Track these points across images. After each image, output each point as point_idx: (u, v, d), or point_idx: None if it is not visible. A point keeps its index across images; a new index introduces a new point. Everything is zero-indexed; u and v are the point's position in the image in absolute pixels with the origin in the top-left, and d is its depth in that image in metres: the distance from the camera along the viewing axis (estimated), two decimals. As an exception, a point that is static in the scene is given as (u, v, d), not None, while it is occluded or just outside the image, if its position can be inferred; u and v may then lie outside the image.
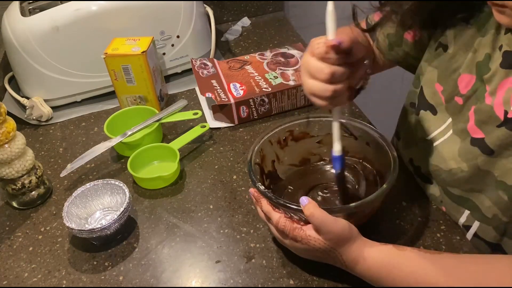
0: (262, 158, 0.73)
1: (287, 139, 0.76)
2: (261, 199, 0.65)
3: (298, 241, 0.61)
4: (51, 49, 0.98)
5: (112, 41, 0.96)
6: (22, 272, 0.71)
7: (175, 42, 1.07)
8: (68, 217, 0.71)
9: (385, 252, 0.59)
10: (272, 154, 0.75)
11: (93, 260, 0.71)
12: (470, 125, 0.63)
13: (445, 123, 0.69)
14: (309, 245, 0.60)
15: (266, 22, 1.32)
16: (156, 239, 0.73)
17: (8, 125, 0.73)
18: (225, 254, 0.70)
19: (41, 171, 0.81)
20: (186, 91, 1.08)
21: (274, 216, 0.62)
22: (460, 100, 0.65)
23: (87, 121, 1.02)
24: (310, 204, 0.60)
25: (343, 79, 0.58)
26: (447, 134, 0.68)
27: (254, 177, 0.66)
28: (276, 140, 0.75)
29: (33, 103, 1.00)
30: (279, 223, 0.61)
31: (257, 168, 0.71)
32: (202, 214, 0.77)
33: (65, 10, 0.98)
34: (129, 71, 0.94)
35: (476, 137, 0.62)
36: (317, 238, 0.59)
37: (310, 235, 0.60)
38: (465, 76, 0.65)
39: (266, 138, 0.73)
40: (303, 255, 0.64)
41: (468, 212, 0.66)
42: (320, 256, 0.61)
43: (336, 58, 0.56)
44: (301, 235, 0.60)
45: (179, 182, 0.84)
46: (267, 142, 0.74)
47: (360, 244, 0.60)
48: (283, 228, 0.61)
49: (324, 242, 0.59)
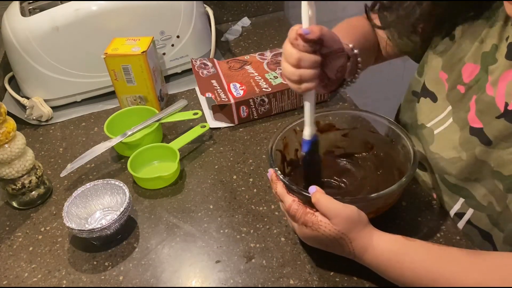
0: (285, 145, 0.74)
1: None
2: (278, 181, 0.65)
3: (308, 226, 0.60)
4: (51, 49, 0.98)
5: (112, 41, 0.96)
6: (22, 272, 0.71)
7: (175, 42, 1.07)
8: (68, 217, 0.71)
9: (395, 241, 0.60)
10: (295, 142, 0.76)
11: (93, 260, 0.71)
12: (471, 115, 0.64)
13: (445, 110, 0.69)
14: (318, 231, 0.60)
15: (266, 22, 1.33)
16: (156, 239, 0.73)
17: (8, 125, 0.73)
18: (225, 254, 0.70)
19: (41, 171, 0.81)
20: (186, 91, 1.08)
21: (287, 200, 0.62)
22: (462, 88, 0.66)
23: (87, 121, 1.02)
24: (317, 192, 0.61)
25: (311, 66, 0.62)
26: (447, 122, 0.69)
27: (273, 161, 0.67)
28: (302, 129, 0.75)
29: (33, 103, 1.00)
30: (291, 208, 0.61)
31: (279, 155, 0.72)
32: (202, 214, 0.77)
33: (65, 10, 0.98)
34: (129, 71, 0.94)
35: (475, 127, 0.63)
36: (327, 223, 0.59)
37: (321, 221, 0.59)
38: (469, 66, 0.65)
39: (291, 126, 0.74)
40: (311, 244, 0.64)
41: (463, 200, 0.67)
42: (328, 244, 0.61)
43: (304, 45, 0.61)
44: (312, 220, 0.60)
45: (179, 182, 0.84)
46: (291, 130, 0.74)
47: (370, 231, 0.60)
48: (295, 212, 0.61)
49: (333, 227, 0.59)
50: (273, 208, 0.76)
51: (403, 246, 0.59)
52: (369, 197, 0.63)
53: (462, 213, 0.68)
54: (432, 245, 0.59)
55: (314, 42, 0.61)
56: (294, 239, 0.71)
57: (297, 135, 0.75)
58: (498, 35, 0.62)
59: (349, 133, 0.78)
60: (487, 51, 0.63)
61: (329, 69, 0.67)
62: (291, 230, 0.72)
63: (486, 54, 0.63)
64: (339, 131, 0.78)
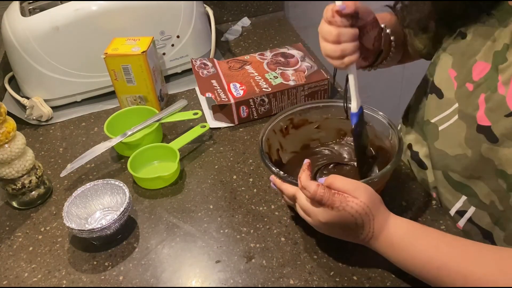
0: (269, 147, 0.76)
1: (288, 127, 0.79)
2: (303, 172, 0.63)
3: (335, 207, 0.59)
4: (51, 49, 0.98)
5: (112, 41, 0.96)
6: (22, 272, 0.71)
7: (175, 42, 1.07)
8: (68, 217, 0.71)
9: (409, 223, 0.61)
10: (276, 143, 0.78)
11: (93, 260, 0.71)
12: (480, 113, 0.64)
13: (451, 107, 0.70)
14: (345, 210, 0.59)
15: (266, 22, 1.33)
16: (156, 239, 0.73)
17: (8, 125, 0.73)
18: (225, 254, 0.70)
19: (41, 171, 0.81)
20: (186, 91, 1.08)
21: (312, 186, 0.60)
22: (470, 86, 0.66)
23: (87, 121, 1.02)
24: (328, 177, 0.62)
25: (351, 39, 0.64)
26: (452, 119, 0.69)
27: (271, 165, 0.68)
28: (279, 129, 0.77)
29: (33, 103, 1.00)
30: (317, 192, 0.60)
31: (267, 157, 0.72)
32: (202, 214, 0.77)
33: (65, 10, 0.98)
34: (129, 71, 0.94)
35: (482, 125, 0.63)
36: (354, 198, 0.59)
37: (348, 196, 0.59)
38: (480, 64, 0.66)
39: (270, 127, 0.76)
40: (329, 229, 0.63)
41: (465, 197, 0.68)
42: (350, 226, 0.60)
43: (341, 21, 0.63)
44: (340, 198, 0.59)
45: (179, 182, 0.84)
46: (271, 131, 0.76)
47: (386, 210, 0.62)
48: (322, 195, 0.59)
49: (360, 200, 0.59)
50: (273, 208, 0.76)
51: (418, 227, 0.60)
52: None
53: (464, 211, 0.69)
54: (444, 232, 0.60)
55: (350, 16, 0.63)
56: (294, 239, 0.71)
57: (276, 135, 0.78)
58: (510, 35, 0.62)
59: (321, 124, 0.80)
60: (499, 50, 0.63)
61: (365, 40, 0.70)
62: (291, 230, 0.72)
63: (498, 53, 0.63)
64: (312, 124, 0.81)
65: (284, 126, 0.79)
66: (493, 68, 0.64)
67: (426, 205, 0.74)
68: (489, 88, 0.63)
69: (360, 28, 0.66)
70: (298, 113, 0.79)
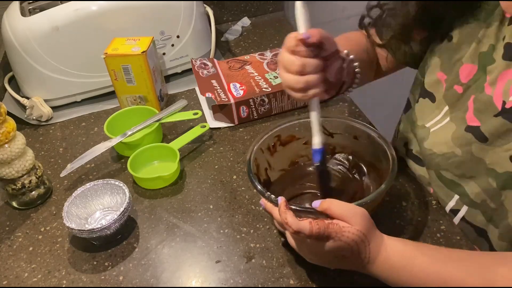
0: (257, 167, 0.72)
1: (275, 144, 0.76)
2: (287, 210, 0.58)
3: (332, 237, 0.56)
4: (51, 49, 0.98)
5: (112, 41, 0.96)
6: (22, 272, 0.71)
7: (175, 42, 1.07)
8: (68, 217, 0.71)
9: (404, 243, 0.59)
10: (264, 162, 0.74)
11: (93, 260, 0.71)
12: (469, 114, 0.64)
13: (442, 111, 0.70)
14: (341, 240, 0.55)
15: (266, 22, 1.33)
16: (156, 239, 0.73)
17: (8, 125, 0.73)
18: (225, 254, 0.70)
19: (41, 171, 0.81)
20: (186, 91, 1.08)
21: (305, 225, 0.55)
22: (459, 89, 0.66)
23: (87, 121, 1.02)
24: (324, 201, 0.58)
25: (315, 71, 0.61)
26: (444, 121, 0.69)
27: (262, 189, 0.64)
28: (266, 147, 0.74)
29: (33, 103, 1.00)
30: (313, 229, 0.55)
31: (256, 177, 0.68)
32: (202, 214, 0.77)
33: (65, 10, 0.98)
34: (129, 71, 0.94)
35: (472, 125, 0.64)
36: (349, 227, 0.56)
37: (343, 226, 0.56)
38: (467, 66, 0.66)
39: (257, 146, 0.72)
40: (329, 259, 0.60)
41: (458, 197, 0.68)
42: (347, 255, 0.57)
43: (305, 50, 0.60)
44: (335, 229, 0.55)
45: (179, 182, 0.84)
46: (259, 150, 0.72)
47: (380, 233, 0.59)
48: (318, 231, 0.55)
49: (355, 229, 0.56)
50: (273, 208, 0.76)
51: (413, 246, 0.58)
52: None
53: (457, 210, 0.69)
54: (439, 247, 0.59)
55: (315, 46, 0.60)
56: (294, 239, 0.71)
57: (264, 153, 0.74)
58: (494, 36, 0.62)
59: (309, 140, 0.75)
60: (484, 51, 0.63)
61: (328, 72, 0.65)
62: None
63: (484, 54, 0.63)
64: (300, 140, 0.77)
65: (271, 144, 0.75)
66: (481, 69, 0.64)
67: (426, 205, 0.74)
68: (477, 89, 0.64)
69: (323, 59, 0.62)
70: (285, 129, 0.75)
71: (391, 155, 0.67)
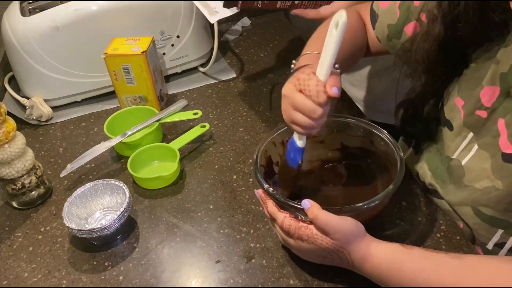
0: (267, 159, 0.73)
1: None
2: (267, 200, 0.64)
3: (304, 240, 0.60)
4: (51, 49, 0.98)
5: (112, 41, 0.96)
6: (22, 272, 0.71)
7: (175, 42, 1.07)
8: (68, 217, 0.71)
9: (393, 250, 0.58)
10: (276, 155, 0.75)
11: (93, 260, 0.71)
12: (502, 140, 0.60)
13: (466, 138, 0.66)
14: (315, 244, 0.59)
15: (266, 22, 1.32)
16: (156, 239, 0.73)
17: (8, 125, 0.73)
18: (225, 254, 0.70)
19: (41, 171, 0.81)
20: (186, 91, 1.08)
21: (279, 217, 0.62)
22: (483, 113, 0.63)
23: (87, 121, 1.02)
24: (313, 206, 0.59)
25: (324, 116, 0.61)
26: (472, 150, 0.65)
27: (261, 179, 0.66)
28: (280, 142, 0.75)
29: (33, 103, 1.00)
30: (284, 223, 0.61)
31: (262, 170, 0.71)
32: (202, 214, 0.77)
33: (65, 10, 0.97)
34: (129, 71, 0.94)
35: (507, 153, 0.59)
36: (323, 237, 0.58)
37: (317, 234, 0.59)
38: (488, 89, 0.62)
39: (270, 139, 0.73)
40: (309, 258, 0.64)
41: (502, 230, 0.64)
42: (327, 256, 0.60)
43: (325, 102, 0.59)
44: (307, 233, 0.59)
45: (179, 182, 0.84)
46: (271, 143, 0.74)
47: (367, 241, 0.59)
48: (288, 228, 0.60)
49: (331, 241, 0.58)
50: (273, 208, 0.76)
51: (402, 255, 0.58)
52: (356, 207, 0.61)
53: (503, 243, 0.64)
54: (431, 253, 0.57)
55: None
56: (294, 239, 0.71)
57: (276, 147, 0.75)
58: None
59: (325, 139, 0.77)
60: (505, 72, 0.59)
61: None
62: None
63: (505, 75, 0.60)
64: (316, 138, 0.77)
65: (286, 139, 0.74)
66: (504, 91, 0.60)
67: (426, 205, 0.74)
68: (508, 111, 0.60)
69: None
70: None
71: (399, 156, 0.67)
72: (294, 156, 0.67)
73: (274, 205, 0.63)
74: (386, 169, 0.71)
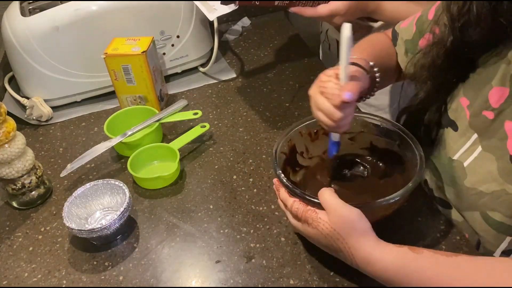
0: (291, 147, 0.74)
1: (318, 132, 0.76)
2: (280, 187, 0.66)
3: (310, 223, 0.61)
4: (51, 49, 0.98)
5: (112, 41, 0.96)
6: (22, 272, 0.71)
7: (175, 42, 1.07)
8: (68, 217, 0.71)
9: (402, 254, 0.57)
10: (301, 145, 0.76)
11: (93, 260, 0.71)
12: (510, 143, 0.58)
13: (470, 139, 0.65)
14: (317, 229, 0.60)
15: (266, 22, 1.32)
16: (156, 239, 0.73)
17: (8, 125, 0.73)
18: (225, 254, 0.70)
19: (41, 171, 0.81)
20: (186, 91, 1.08)
21: (289, 201, 0.64)
22: (490, 114, 0.61)
23: (87, 121, 1.02)
24: (326, 189, 0.61)
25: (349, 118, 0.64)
26: (475, 151, 0.64)
27: (276, 165, 0.67)
28: (307, 132, 0.76)
29: (33, 103, 1.00)
30: (293, 207, 0.63)
31: (283, 157, 0.72)
32: (202, 214, 0.77)
33: (65, 10, 0.98)
34: (129, 71, 0.94)
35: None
36: (325, 221, 0.59)
37: (320, 218, 0.60)
38: (498, 89, 0.61)
39: (297, 129, 0.74)
40: (315, 242, 0.64)
41: (510, 238, 0.62)
42: (328, 244, 0.60)
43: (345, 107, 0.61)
44: (312, 216, 0.61)
45: (179, 182, 0.84)
46: (297, 133, 0.74)
47: (372, 242, 0.58)
48: (296, 211, 0.62)
49: (330, 226, 0.58)
50: (273, 208, 0.76)
51: (410, 259, 0.56)
52: (374, 203, 0.61)
53: (511, 250, 0.63)
54: (440, 256, 0.55)
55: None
56: (294, 239, 0.71)
57: (302, 137, 0.75)
58: None
59: (356, 137, 0.77)
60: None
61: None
62: (291, 230, 0.72)
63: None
64: (346, 135, 0.77)
65: (314, 130, 0.76)
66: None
67: (426, 205, 0.74)
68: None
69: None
70: None
71: (419, 154, 0.66)
72: (330, 148, 0.70)
73: (286, 192, 0.65)
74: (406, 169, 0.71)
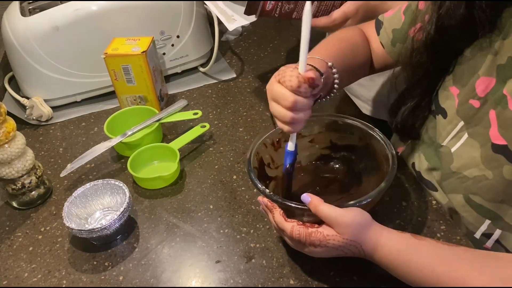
0: (259, 161, 0.72)
1: (280, 140, 0.75)
2: (273, 209, 0.62)
3: (317, 245, 0.59)
4: (51, 49, 0.98)
5: (112, 41, 0.96)
6: (22, 272, 0.71)
7: (175, 42, 1.07)
8: (68, 217, 0.71)
9: (404, 240, 0.58)
10: (267, 157, 0.74)
11: (93, 260, 0.71)
12: (493, 131, 0.61)
13: (457, 126, 0.67)
14: (328, 246, 0.58)
15: (266, 22, 1.32)
16: (156, 239, 0.73)
17: (8, 125, 0.73)
18: (225, 254, 0.70)
19: (41, 171, 0.81)
20: (186, 91, 1.08)
21: (287, 227, 0.60)
22: (476, 103, 0.64)
23: (87, 121, 1.02)
24: (313, 199, 0.59)
25: (306, 109, 0.60)
26: (462, 138, 0.67)
27: (259, 183, 0.65)
28: (270, 143, 0.74)
29: (33, 103, 1.00)
30: (293, 233, 0.59)
31: (256, 172, 0.69)
32: (202, 214, 0.77)
33: (65, 10, 0.98)
34: (129, 71, 0.94)
35: (498, 144, 0.60)
36: (334, 235, 0.58)
37: (328, 235, 0.58)
38: (484, 79, 0.63)
39: (261, 141, 0.72)
40: (324, 256, 0.62)
41: (490, 221, 0.65)
42: (340, 252, 0.59)
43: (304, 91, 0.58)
44: (318, 238, 0.58)
45: (179, 182, 0.84)
46: (262, 145, 0.73)
47: (377, 230, 0.59)
48: (298, 236, 0.59)
49: (342, 237, 0.57)
50: (273, 208, 0.76)
51: (411, 245, 0.58)
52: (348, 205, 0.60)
53: (490, 234, 0.66)
54: (442, 245, 0.57)
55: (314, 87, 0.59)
56: (294, 239, 0.71)
57: (267, 148, 0.74)
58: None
59: (315, 138, 0.77)
60: (503, 63, 0.60)
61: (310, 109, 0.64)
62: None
63: (502, 67, 0.60)
64: (305, 138, 0.77)
65: (276, 140, 0.74)
66: (499, 83, 0.61)
67: (426, 205, 0.74)
68: (497, 103, 0.60)
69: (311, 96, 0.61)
70: None
71: (391, 153, 0.67)
72: (285, 159, 0.66)
73: (281, 214, 0.61)
74: (378, 167, 0.71)
